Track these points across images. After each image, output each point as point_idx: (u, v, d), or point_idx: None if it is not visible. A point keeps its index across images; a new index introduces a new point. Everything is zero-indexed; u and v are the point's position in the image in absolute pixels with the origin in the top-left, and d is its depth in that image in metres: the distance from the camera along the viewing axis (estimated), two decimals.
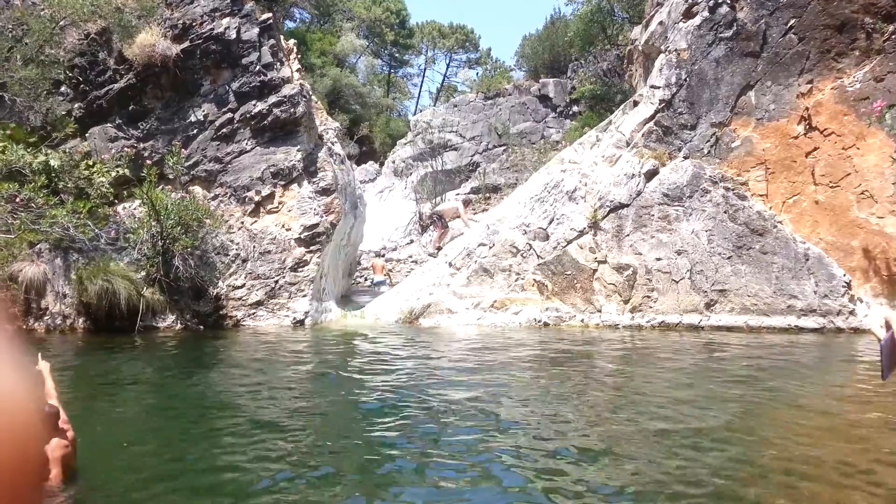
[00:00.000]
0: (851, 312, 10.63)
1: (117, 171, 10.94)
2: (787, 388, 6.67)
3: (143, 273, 10.56)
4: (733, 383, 6.81)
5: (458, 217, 14.06)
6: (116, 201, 11.31)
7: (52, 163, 10.37)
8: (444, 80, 51.83)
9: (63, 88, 11.83)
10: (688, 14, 12.37)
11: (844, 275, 10.77)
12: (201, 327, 10.80)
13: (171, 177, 11.60)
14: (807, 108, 11.45)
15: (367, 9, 43.50)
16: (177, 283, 10.73)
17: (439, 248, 13.84)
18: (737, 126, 11.84)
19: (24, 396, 0.51)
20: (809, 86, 11.52)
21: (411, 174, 30.39)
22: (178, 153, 11.38)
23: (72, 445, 3.81)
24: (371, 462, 4.47)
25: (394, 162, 32.50)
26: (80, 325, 10.33)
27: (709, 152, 11.87)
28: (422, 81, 53.52)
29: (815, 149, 11.39)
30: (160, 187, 11.11)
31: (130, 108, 11.92)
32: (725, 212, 11.33)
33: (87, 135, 11.65)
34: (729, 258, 11.15)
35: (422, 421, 5.30)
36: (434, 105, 43.19)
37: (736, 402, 5.91)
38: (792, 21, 11.65)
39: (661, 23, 13.09)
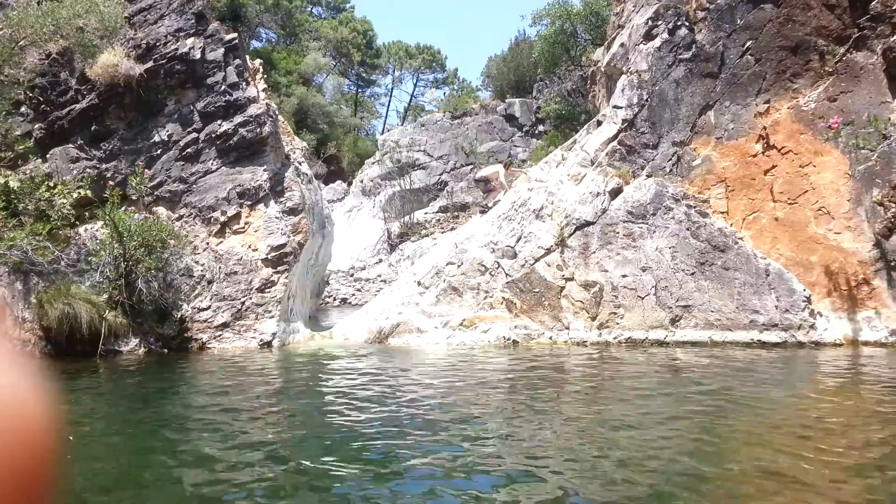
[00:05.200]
0: (812, 326, 10.87)
1: (79, 193, 10.75)
2: (748, 401, 6.78)
3: (106, 296, 10.34)
4: (696, 398, 6.90)
5: (497, 179, 13.88)
6: (78, 223, 11.09)
7: (11, 184, 10.17)
8: (411, 99, 52.29)
9: (23, 109, 11.62)
10: (648, 36, 12.68)
11: (804, 290, 11.01)
12: (165, 350, 10.60)
13: (134, 198, 11.43)
14: (764, 128, 11.78)
15: (333, 29, 43.73)
16: (140, 306, 10.52)
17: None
18: (697, 145, 12.12)
19: (35, 400, 0.51)
20: (767, 105, 11.86)
21: (379, 193, 30.46)
22: (142, 174, 11.23)
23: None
24: (327, 490, 4.43)
25: (362, 181, 32.51)
26: (41, 350, 10.06)
27: (671, 171, 12.12)
28: (389, 101, 53.90)
29: (774, 167, 11.70)
30: (123, 208, 10.92)
31: (93, 128, 11.75)
32: (688, 229, 11.54)
33: (48, 156, 11.42)
34: (692, 274, 11.34)
35: (384, 449, 5.26)
36: (402, 124, 43.43)
37: (698, 417, 5.99)
38: (749, 43, 12.00)
39: (622, 45, 13.39)
